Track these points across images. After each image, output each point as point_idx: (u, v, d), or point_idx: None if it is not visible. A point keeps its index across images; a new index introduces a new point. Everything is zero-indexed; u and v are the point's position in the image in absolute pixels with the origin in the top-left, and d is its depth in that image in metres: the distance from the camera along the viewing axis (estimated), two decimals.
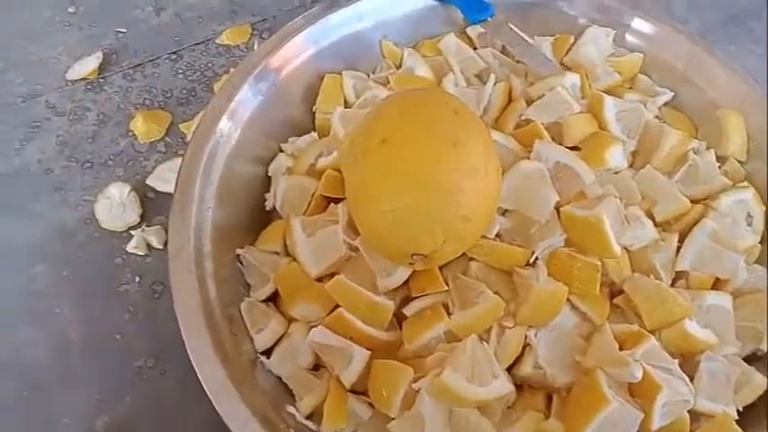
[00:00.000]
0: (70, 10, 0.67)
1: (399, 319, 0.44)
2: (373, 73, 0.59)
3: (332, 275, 0.43)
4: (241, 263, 0.47)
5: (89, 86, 0.62)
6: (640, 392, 0.39)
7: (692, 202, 0.47)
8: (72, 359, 0.48)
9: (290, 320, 0.45)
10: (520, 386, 0.42)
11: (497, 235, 0.44)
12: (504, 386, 0.38)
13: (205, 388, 0.38)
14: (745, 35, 0.68)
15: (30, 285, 0.51)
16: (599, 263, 0.41)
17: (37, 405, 0.46)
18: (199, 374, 0.38)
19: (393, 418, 0.40)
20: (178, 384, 0.47)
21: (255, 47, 0.66)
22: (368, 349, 0.41)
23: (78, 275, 0.52)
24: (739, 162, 0.51)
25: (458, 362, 0.38)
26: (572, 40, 0.58)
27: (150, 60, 0.65)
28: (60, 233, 0.53)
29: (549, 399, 0.42)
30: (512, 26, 0.58)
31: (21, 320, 0.49)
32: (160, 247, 0.53)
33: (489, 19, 0.58)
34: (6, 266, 0.52)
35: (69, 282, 0.51)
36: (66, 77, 0.62)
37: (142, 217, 0.54)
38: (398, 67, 0.58)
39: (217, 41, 0.66)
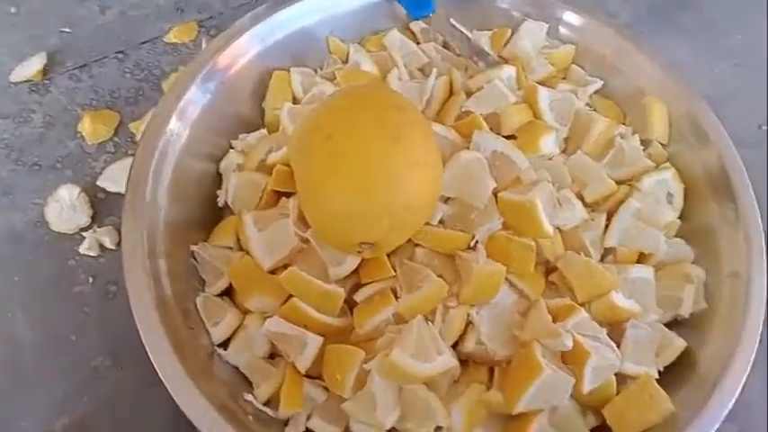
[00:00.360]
0: (11, 10, 0.66)
1: (350, 305, 0.46)
2: (321, 69, 0.60)
3: (284, 267, 0.45)
4: (195, 259, 0.48)
5: (34, 88, 0.62)
6: (572, 359, 0.42)
7: (618, 183, 0.51)
8: (27, 363, 0.48)
9: (245, 312, 0.47)
10: (465, 362, 0.45)
11: (440, 221, 0.47)
12: (448, 361, 0.41)
13: (163, 381, 0.39)
14: (671, 27, 0.72)
15: None
16: (533, 243, 0.44)
17: None
18: (157, 368, 0.40)
19: (347, 399, 0.42)
20: (136, 381, 0.48)
21: (203, 44, 0.66)
22: (321, 335, 0.43)
23: (30, 279, 0.52)
24: (662, 145, 0.55)
25: (405, 342, 0.41)
26: (509, 34, 0.60)
27: (96, 60, 0.64)
28: (10, 237, 0.53)
29: (492, 372, 0.45)
30: (452, 21, 0.60)
31: None
32: (113, 247, 0.53)
33: (431, 15, 0.60)
34: None
35: (21, 286, 0.51)
36: (10, 79, 0.62)
37: (93, 218, 0.55)
38: (345, 62, 0.60)
39: (164, 40, 0.66)
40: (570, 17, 0.60)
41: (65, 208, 0.54)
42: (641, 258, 0.49)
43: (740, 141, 0.63)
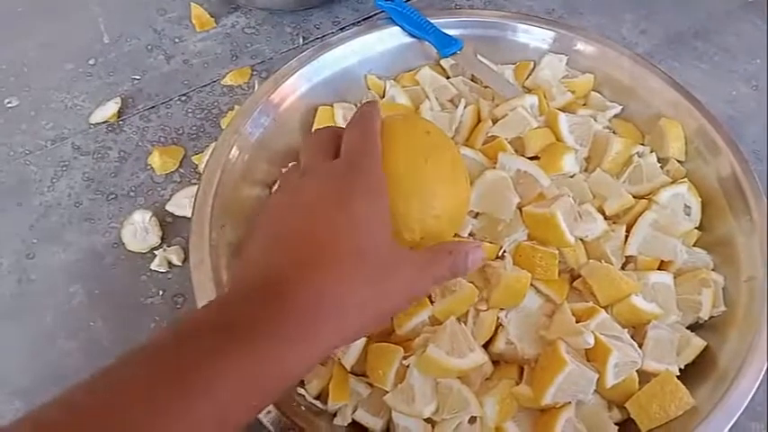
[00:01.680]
0: (90, 62, 0.76)
1: None
2: (360, 103, 0.67)
3: None
4: None
5: (110, 128, 0.70)
6: (595, 356, 0.45)
7: (637, 198, 0.54)
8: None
9: None
10: (496, 362, 0.49)
11: (471, 234, 0.51)
12: (479, 357, 0.45)
13: None
14: (688, 52, 0.76)
15: (67, 303, 0.58)
16: (556, 252, 0.49)
17: None
18: None
19: (388, 392, 0.46)
20: None
21: (256, 85, 0.74)
22: (365, 336, 0.48)
23: (109, 292, 0.59)
24: (680, 162, 0.58)
25: (440, 340, 0.45)
26: (531, 66, 0.66)
27: (163, 103, 0.73)
28: (92, 256, 0.61)
29: (522, 372, 0.48)
30: (479, 56, 0.66)
31: (60, 334, 0.56)
32: (179, 264, 0.60)
33: (459, 52, 0.66)
34: (46, 288, 0.59)
35: (101, 298, 0.58)
36: (90, 121, 0.70)
37: (162, 239, 0.62)
38: (382, 97, 0.66)
39: (221, 83, 0.74)
40: (588, 48, 0.65)
41: (138, 230, 0.61)
42: (662, 266, 0.52)
43: (760, 158, 0.66)
